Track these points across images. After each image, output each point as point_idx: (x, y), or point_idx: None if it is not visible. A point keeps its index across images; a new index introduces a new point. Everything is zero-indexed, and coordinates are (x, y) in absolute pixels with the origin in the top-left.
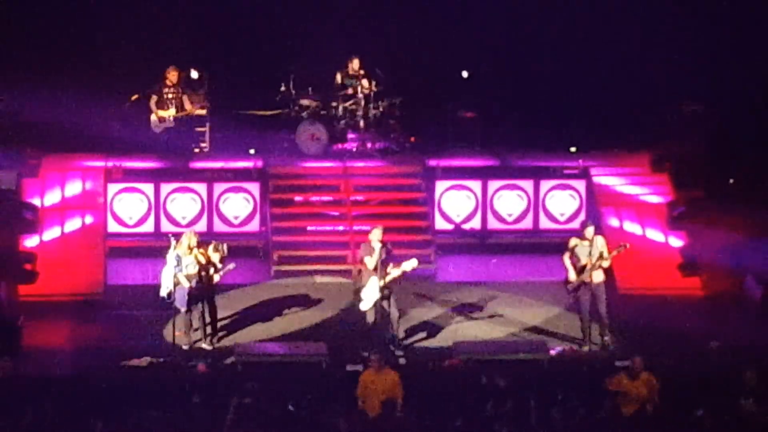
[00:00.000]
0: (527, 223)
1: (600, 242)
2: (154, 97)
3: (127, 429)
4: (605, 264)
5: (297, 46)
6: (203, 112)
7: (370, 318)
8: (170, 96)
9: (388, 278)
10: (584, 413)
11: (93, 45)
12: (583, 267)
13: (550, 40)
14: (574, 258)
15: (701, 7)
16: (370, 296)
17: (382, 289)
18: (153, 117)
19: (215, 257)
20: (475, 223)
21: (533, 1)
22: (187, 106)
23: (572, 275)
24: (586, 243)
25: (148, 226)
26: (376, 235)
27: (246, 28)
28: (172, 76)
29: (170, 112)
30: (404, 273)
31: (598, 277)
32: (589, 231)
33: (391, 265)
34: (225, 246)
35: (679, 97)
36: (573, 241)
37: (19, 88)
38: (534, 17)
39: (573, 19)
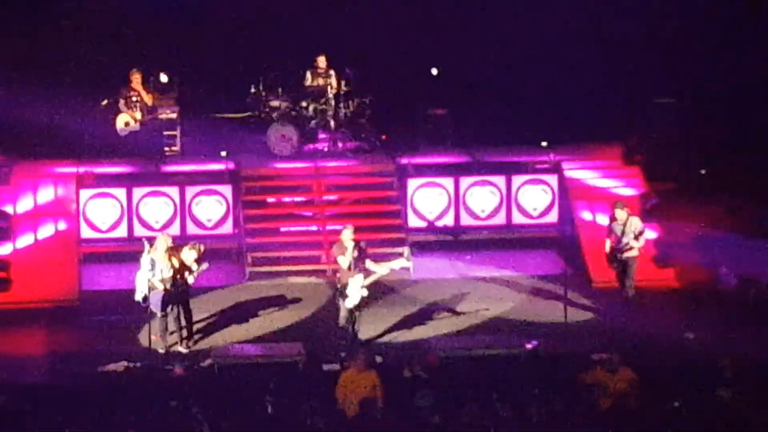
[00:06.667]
0: (500, 219)
1: (635, 222)
2: (122, 100)
3: None
4: (636, 245)
5: (266, 47)
6: (174, 115)
7: (343, 316)
8: (134, 99)
9: (374, 276)
10: (561, 408)
11: (61, 49)
12: (618, 243)
13: (520, 34)
14: (612, 235)
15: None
16: (355, 294)
17: (368, 287)
18: (118, 120)
19: (191, 256)
20: (448, 220)
21: None
22: (147, 99)
23: (607, 248)
24: (620, 222)
25: (122, 231)
26: (347, 235)
27: (214, 31)
28: (136, 78)
29: (136, 115)
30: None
31: (632, 253)
32: (619, 212)
33: (369, 262)
34: (201, 246)
35: (650, 89)
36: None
37: None
38: (503, 12)
39: (542, 12)
